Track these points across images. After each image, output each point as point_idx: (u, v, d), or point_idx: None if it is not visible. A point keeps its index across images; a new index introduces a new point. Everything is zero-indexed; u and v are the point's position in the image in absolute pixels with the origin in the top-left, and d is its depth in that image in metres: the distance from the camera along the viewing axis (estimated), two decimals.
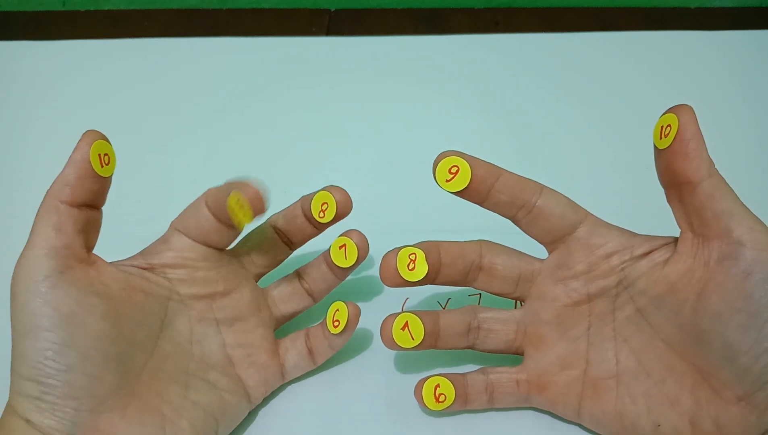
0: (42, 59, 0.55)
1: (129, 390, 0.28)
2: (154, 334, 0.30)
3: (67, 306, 0.26)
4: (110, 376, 0.27)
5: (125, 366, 0.28)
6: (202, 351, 0.32)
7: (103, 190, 0.29)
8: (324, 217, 0.32)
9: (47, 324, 0.26)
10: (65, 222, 0.27)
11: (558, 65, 0.54)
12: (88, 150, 0.27)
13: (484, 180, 0.30)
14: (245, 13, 0.61)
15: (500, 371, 0.33)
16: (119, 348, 0.28)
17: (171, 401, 0.29)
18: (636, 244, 0.30)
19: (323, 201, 0.32)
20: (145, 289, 0.30)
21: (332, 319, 0.33)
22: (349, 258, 0.33)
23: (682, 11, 0.59)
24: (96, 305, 0.27)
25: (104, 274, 0.28)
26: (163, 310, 0.31)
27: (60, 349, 0.26)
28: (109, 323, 0.27)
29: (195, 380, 0.31)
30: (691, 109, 0.27)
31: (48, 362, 0.26)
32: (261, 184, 0.30)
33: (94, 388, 0.27)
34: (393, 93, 0.52)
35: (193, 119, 0.50)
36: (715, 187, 0.26)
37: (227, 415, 0.31)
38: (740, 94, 0.50)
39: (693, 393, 0.28)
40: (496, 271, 0.32)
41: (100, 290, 0.28)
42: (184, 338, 0.31)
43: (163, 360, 0.30)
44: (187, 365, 0.31)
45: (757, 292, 0.25)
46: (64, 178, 0.27)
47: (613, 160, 0.46)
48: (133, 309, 0.29)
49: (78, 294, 0.27)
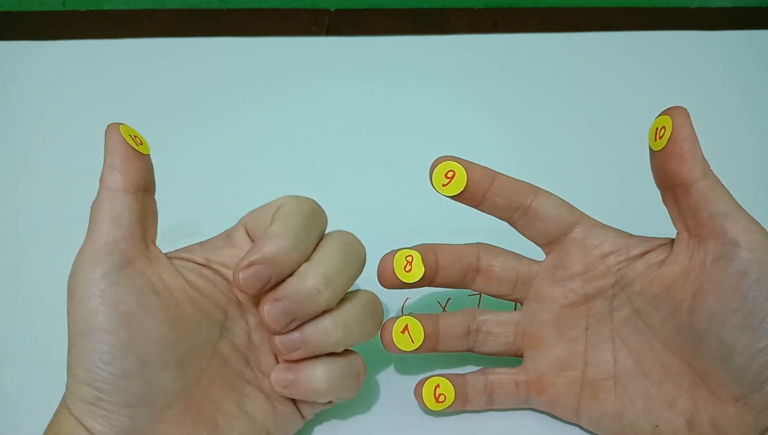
0: (42, 59, 0.55)
1: (186, 398, 0.27)
2: (214, 338, 0.29)
3: (126, 305, 0.25)
4: (169, 384, 0.26)
5: (184, 372, 0.27)
6: (259, 359, 0.30)
7: (150, 170, 0.28)
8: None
9: (105, 325, 0.24)
10: (122, 211, 0.26)
11: (558, 65, 0.54)
12: (118, 134, 0.27)
13: (479, 184, 0.30)
14: (245, 13, 0.61)
15: (500, 372, 0.33)
16: (178, 353, 0.26)
17: (226, 411, 0.28)
18: (632, 245, 0.30)
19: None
20: (204, 291, 0.29)
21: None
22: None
23: (682, 11, 0.59)
24: (156, 306, 0.26)
25: (165, 271, 0.27)
26: (222, 314, 0.29)
27: (118, 353, 0.25)
28: (169, 326, 0.26)
29: (251, 389, 0.30)
30: (685, 111, 0.27)
31: (104, 366, 0.24)
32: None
33: (152, 396, 0.25)
34: (393, 93, 0.52)
35: (193, 119, 0.50)
36: (710, 188, 0.26)
37: (280, 429, 0.30)
38: (740, 94, 0.50)
39: (690, 393, 0.28)
40: (494, 273, 0.32)
41: (161, 290, 0.27)
42: (243, 344, 0.30)
43: (221, 365, 0.29)
44: (245, 372, 0.30)
45: (753, 292, 0.25)
46: (110, 166, 0.26)
47: (612, 160, 0.46)
48: (194, 311, 0.28)
49: (138, 292, 0.26)
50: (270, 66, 0.54)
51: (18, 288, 0.40)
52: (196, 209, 0.43)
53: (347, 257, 0.29)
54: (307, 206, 0.30)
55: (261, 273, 0.27)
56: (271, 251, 0.27)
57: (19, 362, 0.36)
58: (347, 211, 0.35)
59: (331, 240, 0.30)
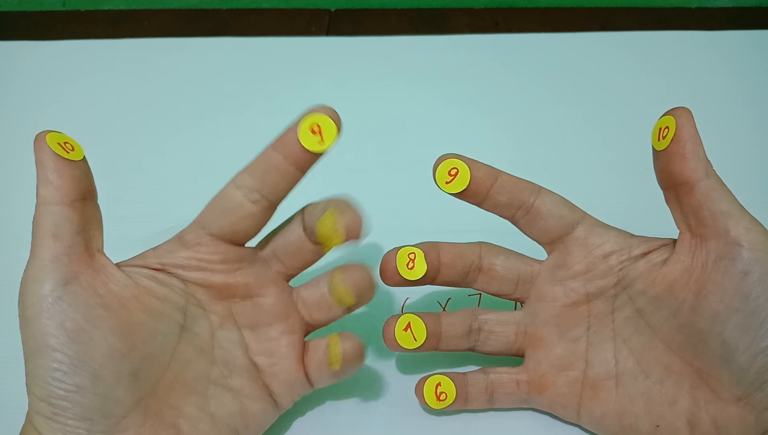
0: (42, 59, 0.55)
1: (144, 407, 0.27)
2: (172, 342, 0.28)
3: (73, 322, 0.25)
4: (124, 395, 0.26)
5: (139, 381, 0.27)
6: (225, 357, 0.30)
7: (87, 176, 0.27)
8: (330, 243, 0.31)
9: (54, 343, 0.25)
10: (61, 225, 0.26)
11: (558, 65, 0.54)
12: (45, 145, 0.26)
13: (482, 182, 0.30)
14: (245, 13, 0.60)
15: (501, 371, 0.33)
16: (132, 364, 0.26)
17: (188, 415, 0.28)
18: (634, 245, 0.30)
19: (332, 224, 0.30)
20: (158, 295, 0.28)
21: (331, 353, 0.31)
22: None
23: (682, 11, 0.59)
24: (104, 319, 0.26)
25: (112, 281, 0.27)
26: (181, 316, 0.29)
27: (69, 369, 0.25)
28: (119, 338, 0.26)
29: (217, 389, 0.29)
30: (688, 112, 0.27)
31: (57, 383, 0.25)
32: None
33: (107, 408, 0.25)
34: (393, 93, 0.52)
35: (193, 119, 0.50)
36: (713, 188, 0.27)
37: (251, 425, 0.30)
38: (740, 94, 0.50)
39: (691, 393, 0.28)
40: (496, 272, 0.32)
41: (109, 302, 0.26)
42: (206, 343, 0.30)
43: (182, 368, 0.29)
44: (209, 372, 0.30)
45: (755, 291, 0.25)
46: (42, 180, 0.26)
47: (612, 160, 0.46)
48: (147, 319, 0.27)
49: (84, 307, 0.25)
50: (270, 66, 0.54)
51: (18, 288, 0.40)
52: (196, 209, 0.42)
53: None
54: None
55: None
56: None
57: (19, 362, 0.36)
58: None
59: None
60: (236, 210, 0.29)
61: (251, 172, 0.29)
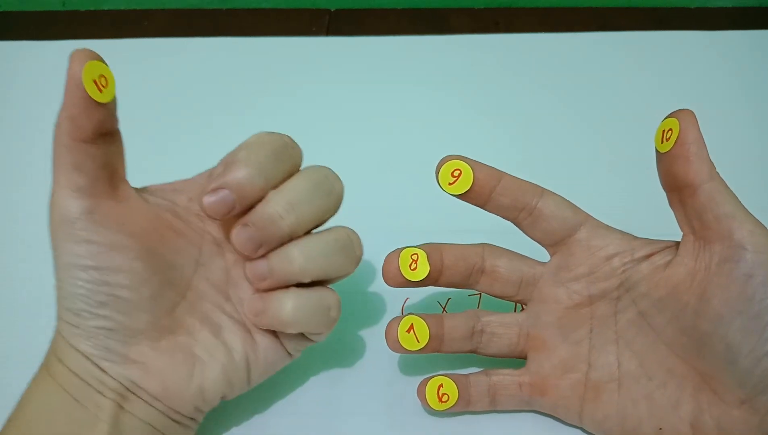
0: (42, 59, 0.55)
1: (162, 326, 0.29)
2: (188, 274, 0.30)
3: (97, 247, 0.26)
4: (143, 314, 0.28)
5: (158, 304, 0.28)
6: (238, 294, 0.31)
7: (111, 115, 0.27)
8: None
9: (80, 264, 0.26)
10: (83, 160, 0.26)
11: (558, 65, 0.54)
12: (80, 80, 0.25)
13: (485, 183, 0.30)
14: (245, 13, 0.60)
15: (503, 373, 0.33)
16: (152, 289, 0.28)
17: (203, 340, 0.29)
18: (637, 247, 0.30)
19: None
20: (177, 229, 0.30)
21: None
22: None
23: (682, 11, 0.59)
24: (128, 247, 0.27)
25: (136, 211, 0.28)
26: (197, 251, 0.30)
27: (93, 289, 0.26)
28: (141, 264, 0.27)
29: (230, 322, 0.30)
30: (692, 114, 0.27)
31: (82, 298, 0.26)
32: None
33: (127, 323, 0.27)
34: (393, 93, 0.52)
35: (193, 119, 0.50)
36: (716, 190, 0.27)
37: (261, 360, 0.31)
38: (740, 94, 0.50)
39: (695, 396, 0.28)
40: (498, 274, 0.32)
41: (132, 230, 0.27)
42: (221, 280, 0.31)
43: (197, 299, 0.30)
44: (224, 306, 0.31)
45: (758, 294, 0.25)
46: (66, 113, 0.25)
47: (613, 160, 0.46)
48: (166, 249, 0.29)
49: (109, 235, 0.27)
50: (270, 66, 0.54)
51: (18, 288, 0.40)
52: None
53: (317, 187, 0.30)
54: (279, 139, 0.30)
55: (226, 198, 0.28)
56: (235, 177, 0.28)
57: (19, 362, 0.36)
58: (347, 211, 0.35)
59: (302, 172, 0.30)
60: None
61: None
